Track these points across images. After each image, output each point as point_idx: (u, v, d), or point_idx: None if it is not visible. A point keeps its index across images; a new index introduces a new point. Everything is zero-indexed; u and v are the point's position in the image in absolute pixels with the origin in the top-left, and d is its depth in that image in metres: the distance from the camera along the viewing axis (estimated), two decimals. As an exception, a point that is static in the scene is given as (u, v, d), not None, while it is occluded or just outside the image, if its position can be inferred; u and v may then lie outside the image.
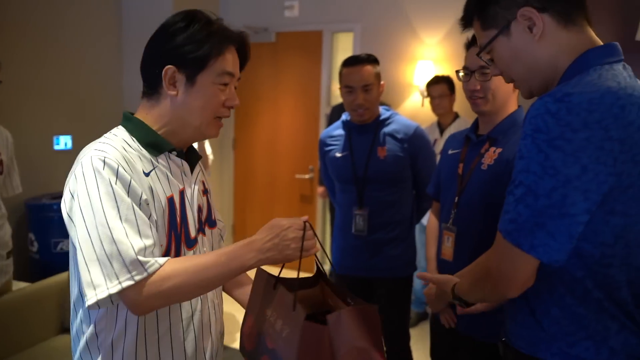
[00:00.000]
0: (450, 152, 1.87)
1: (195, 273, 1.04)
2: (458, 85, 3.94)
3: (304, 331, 0.99)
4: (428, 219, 2.07)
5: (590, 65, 1.01)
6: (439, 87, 3.78)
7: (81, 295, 1.11)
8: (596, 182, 0.92)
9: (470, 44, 1.70)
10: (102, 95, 4.39)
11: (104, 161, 1.05)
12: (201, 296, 1.22)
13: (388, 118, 2.35)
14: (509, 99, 1.70)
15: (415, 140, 2.31)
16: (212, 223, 1.33)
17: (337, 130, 2.45)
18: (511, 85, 1.66)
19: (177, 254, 1.17)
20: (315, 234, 1.12)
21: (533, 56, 1.08)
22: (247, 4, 5.01)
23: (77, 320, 1.16)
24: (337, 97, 4.82)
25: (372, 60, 2.29)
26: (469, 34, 1.67)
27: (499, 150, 1.66)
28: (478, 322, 1.63)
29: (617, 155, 0.92)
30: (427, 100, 4.33)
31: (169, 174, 1.18)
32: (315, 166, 4.79)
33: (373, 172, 2.29)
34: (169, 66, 1.14)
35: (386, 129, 2.32)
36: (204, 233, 1.27)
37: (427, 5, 4.32)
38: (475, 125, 1.81)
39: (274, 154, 5.08)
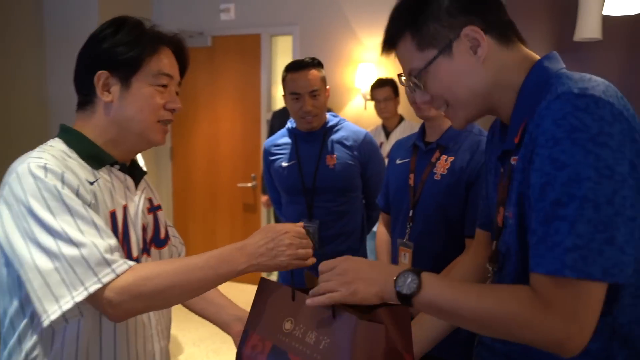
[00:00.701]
0: (398, 161, 1.79)
1: (180, 274, 0.97)
2: (402, 87, 3.90)
3: (360, 332, 0.93)
4: (377, 229, 1.98)
5: (552, 70, 0.95)
6: (384, 90, 3.73)
7: (28, 314, 1.00)
8: None
9: None
10: (25, 106, 4.07)
11: (44, 167, 0.97)
12: (145, 323, 1.14)
13: (336, 125, 2.26)
14: None
15: (365, 147, 2.23)
16: (159, 243, 1.23)
17: (282, 138, 2.33)
18: None
19: None
20: (313, 243, 1.08)
21: (478, 78, 0.99)
22: (181, 7, 4.81)
23: (5, 349, 1.04)
24: (277, 102, 4.69)
25: (317, 64, 2.19)
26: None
27: (451, 158, 1.60)
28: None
29: (639, 149, 0.84)
30: (370, 104, 4.28)
31: (111, 188, 1.10)
32: (258, 174, 4.65)
33: (322, 181, 2.18)
34: (101, 71, 1.08)
35: (335, 136, 2.23)
36: (148, 254, 1.18)
37: (366, 8, 4.27)
38: (422, 132, 1.73)
39: (214, 162, 4.90)
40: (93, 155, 1.09)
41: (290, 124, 2.30)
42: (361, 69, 4.20)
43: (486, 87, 0.99)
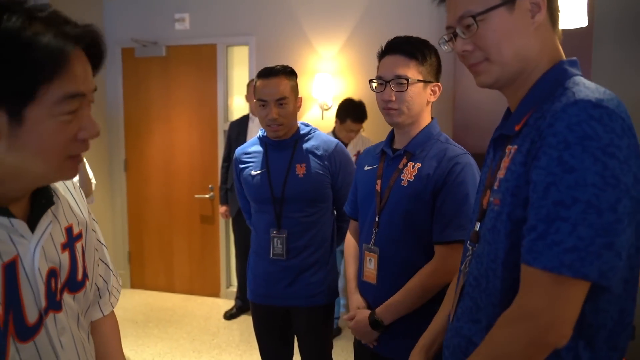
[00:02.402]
0: (366, 168, 1.79)
1: None
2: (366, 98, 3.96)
3: None
4: (346, 236, 1.99)
5: (570, 74, 0.99)
6: (359, 125, 3.86)
7: None
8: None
9: (383, 53, 1.65)
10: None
11: None
12: None
13: (307, 134, 2.23)
14: (422, 111, 1.66)
15: (335, 157, 2.20)
16: (75, 286, 1.00)
17: (253, 146, 2.29)
18: (426, 96, 1.63)
19: (0, 356, 0.85)
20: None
21: (528, 43, 1.00)
22: (135, 16, 4.72)
23: None
24: (236, 112, 4.66)
25: (289, 72, 2.15)
26: (371, 43, 1.63)
27: (418, 165, 1.62)
28: (402, 346, 1.57)
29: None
30: (327, 113, 4.32)
31: None
32: (216, 185, 4.59)
33: (291, 191, 2.15)
34: None
35: (305, 146, 2.19)
36: (57, 309, 0.94)
37: (322, 18, 4.30)
38: (391, 138, 1.75)
39: (170, 174, 4.81)
40: None
41: (261, 132, 2.25)
42: (318, 79, 4.23)
43: (530, 55, 1.01)
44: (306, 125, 2.28)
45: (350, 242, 1.93)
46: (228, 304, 4.59)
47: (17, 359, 0.85)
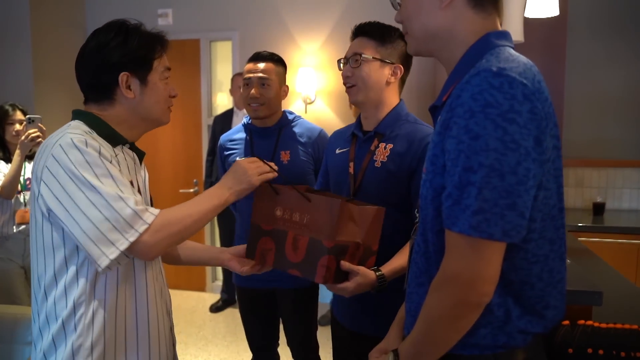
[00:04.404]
0: (338, 151, 1.83)
1: (190, 216, 1.25)
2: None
3: (324, 205, 1.40)
4: None
5: (492, 45, 1.03)
6: None
7: (73, 265, 1.20)
8: (546, 154, 0.93)
9: (355, 35, 1.72)
10: None
11: (85, 142, 1.18)
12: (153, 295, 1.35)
13: (292, 121, 2.27)
14: (384, 91, 1.70)
15: (319, 143, 2.24)
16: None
17: (237, 133, 2.32)
18: (384, 74, 1.68)
19: None
20: (267, 164, 1.44)
21: (433, 21, 1.08)
22: (117, 10, 4.72)
23: (47, 304, 1.22)
24: (219, 107, 4.69)
25: (276, 59, 2.23)
26: (348, 38, 1.70)
27: (390, 146, 1.66)
28: (383, 321, 1.60)
29: (544, 128, 0.93)
30: (310, 107, 4.37)
31: (125, 163, 1.33)
32: (200, 179, 4.62)
33: (276, 178, 2.19)
34: (124, 73, 1.29)
35: (289, 132, 2.24)
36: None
37: (304, 13, 4.36)
38: (359, 121, 1.79)
39: (155, 168, 4.82)
40: (110, 135, 1.30)
41: (245, 119, 2.30)
42: (301, 73, 4.28)
43: (438, 32, 1.08)
44: (290, 113, 2.32)
45: None
46: (214, 297, 4.62)
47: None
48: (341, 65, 1.73)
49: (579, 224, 3.45)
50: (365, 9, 4.15)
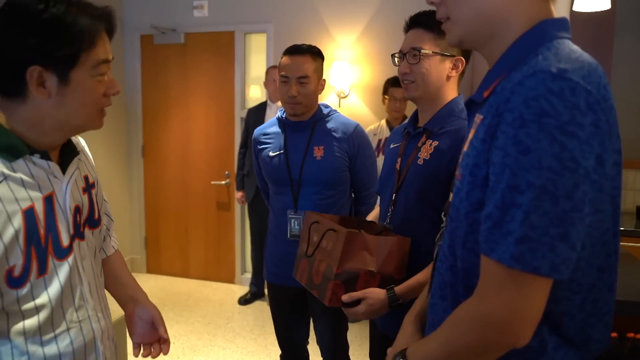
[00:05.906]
0: (392, 146, 1.78)
1: None
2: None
3: (346, 238, 1.46)
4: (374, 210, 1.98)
5: (549, 37, 0.88)
6: (396, 88, 3.73)
7: None
8: (610, 174, 0.80)
9: (407, 28, 1.63)
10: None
11: None
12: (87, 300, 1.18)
13: (327, 115, 2.22)
14: (443, 86, 1.61)
15: (354, 139, 2.18)
16: (93, 223, 1.24)
17: (272, 127, 2.28)
18: (445, 69, 1.58)
19: (42, 268, 1.06)
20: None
21: (489, 1, 0.91)
22: (154, 3, 4.76)
23: None
24: (252, 100, 4.68)
25: (315, 52, 2.16)
26: (389, 32, 1.61)
27: (435, 143, 1.58)
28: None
29: (607, 144, 0.80)
30: (344, 101, 4.32)
31: (28, 180, 1.04)
32: (232, 172, 4.62)
33: (308, 173, 2.14)
34: (34, 67, 0.99)
35: (324, 127, 2.18)
36: (81, 237, 1.18)
37: (340, 6, 4.30)
38: (415, 116, 1.72)
39: (187, 160, 4.85)
40: (7, 147, 1.02)
41: (280, 113, 2.25)
42: (335, 67, 4.23)
43: (492, 13, 0.91)
44: (326, 106, 2.26)
45: (372, 217, 1.91)
46: (243, 289, 4.63)
47: (55, 274, 1.08)
48: (396, 60, 1.64)
49: (621, 228, 3.31)
50: (404, 1, 4.07)
